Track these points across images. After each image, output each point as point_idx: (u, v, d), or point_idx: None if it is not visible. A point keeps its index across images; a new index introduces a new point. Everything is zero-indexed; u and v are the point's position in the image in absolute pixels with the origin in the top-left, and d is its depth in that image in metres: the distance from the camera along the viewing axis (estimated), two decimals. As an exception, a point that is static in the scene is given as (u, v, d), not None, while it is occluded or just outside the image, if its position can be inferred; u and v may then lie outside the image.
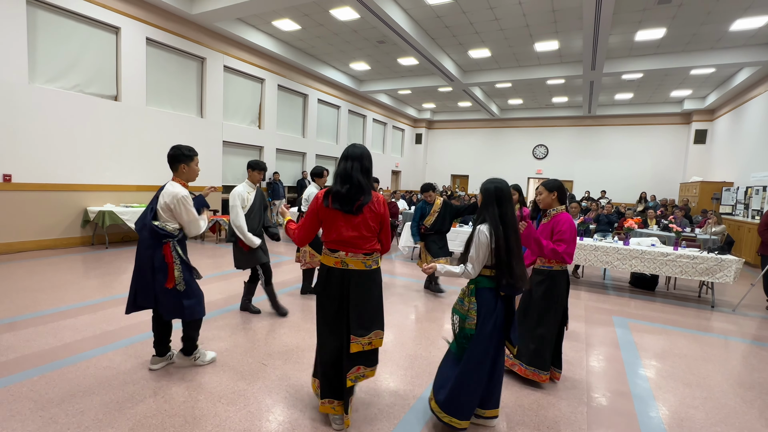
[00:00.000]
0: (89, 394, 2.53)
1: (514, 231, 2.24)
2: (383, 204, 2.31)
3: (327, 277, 2.27)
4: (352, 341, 2.19)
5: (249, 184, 4.00)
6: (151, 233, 2.67)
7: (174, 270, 2.70)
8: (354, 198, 2.18)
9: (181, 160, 2.77)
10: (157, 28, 7.94)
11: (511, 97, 15.65)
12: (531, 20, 8.62)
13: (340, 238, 2.21)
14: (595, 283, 6.60)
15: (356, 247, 2.23)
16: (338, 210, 2.19)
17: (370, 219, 2.23)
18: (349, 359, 2.22)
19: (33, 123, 6.43)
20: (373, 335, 2.23)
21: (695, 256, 5.45)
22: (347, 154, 2.27)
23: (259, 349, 3.35)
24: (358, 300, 2.22)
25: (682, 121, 15.52)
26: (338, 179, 2.23)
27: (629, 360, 3.58)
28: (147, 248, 2.69)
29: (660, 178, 15.95)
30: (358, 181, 2.20)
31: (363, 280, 2.24)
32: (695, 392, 3.04)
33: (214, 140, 9.49)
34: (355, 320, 2.20)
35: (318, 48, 10.90)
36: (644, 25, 8.57)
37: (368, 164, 2.28)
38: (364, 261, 2.24)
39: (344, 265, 2.22)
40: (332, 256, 2.25)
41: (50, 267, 5.65)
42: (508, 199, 2.27)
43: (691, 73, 11.34)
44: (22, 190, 6.39)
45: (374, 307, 2.27)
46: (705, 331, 4.55)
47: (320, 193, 2.27)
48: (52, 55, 6.69)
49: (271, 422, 2.36)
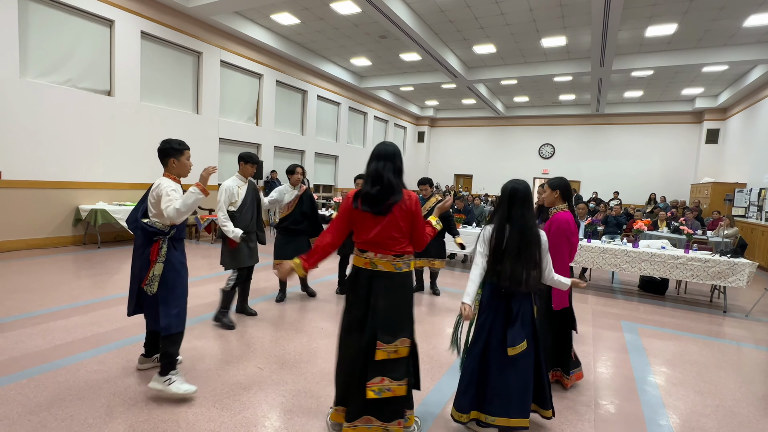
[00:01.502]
0: (79, 397, 2.45)
1: (520, 232, 2.21)
2: (415, 202, 2.19)
3: (355, 278, 2.21)
4: (378, 347, 2.06)
5: (240, 177, 3.78)
6: (142, 231, 2.52)
7: (151, 269, 2.44)
8: (383, 199, 2.10)
9: (171, 155, 2.58)
10: (152, 21, 7.76)
11: (516, 94, 15.36)
12: (538, 15, 8.35)
13: (369, 238, 2.14)
14: (602, 287, 6.37)
15: (385, 248, 2.14)
16: (368, 211, 2.12)
17: (400, 219, 2.13)
18: (374, 367, 2.07)
19: (24, 118, 6.27)
20: (399, 342, 2.11)
21: (707, 260, 5.20)
22: (379, 153, 2.19)
23: (255, 354, 3.24)
24: (387, 304, 2.13)
25: (693, 120, 15.14)
26: (369, 180, 2.15)
27: (638, 366, 3.47)
28: (139, 247, 2.55)
29: (670, 178, 15.58)
30: (389, 181, 2.12)
31: (392, 282, 2.15)
32: (706, 400, 2.94)
33: (211, 137, 9.31)
34: (382, 325, 2.10)
35: (318, 43, 10.68)
36: (655, 20, 8.28)
37: (400, 163, 2.21)
38: (393, 263, 2.15)
39: (373, 266, 2.15)
40: (362, 256, 2.19)
41: (40, 267, 5.51)
42: (522, 200, 2.26)
43: (703, 71, 11.00)
44: (12, 187, 6.23)
45: (403, 312, 2.17)
46: (717, 336, 4.40)
47: (351, 194, 2.21)
48: (44, 49, 6.53)
49: (267, 428, 2.29)
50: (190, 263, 2.78)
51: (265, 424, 2.31)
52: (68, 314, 3.82)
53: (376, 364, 2.06)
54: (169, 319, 2.46)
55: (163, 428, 2.21)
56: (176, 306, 2.51)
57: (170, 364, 2.50)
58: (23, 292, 4.40)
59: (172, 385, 2.45)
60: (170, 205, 2.41)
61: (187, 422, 2.27)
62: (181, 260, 2.59)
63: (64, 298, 4.27)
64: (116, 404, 2.40)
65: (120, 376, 2.72)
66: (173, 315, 2.48)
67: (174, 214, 2.40)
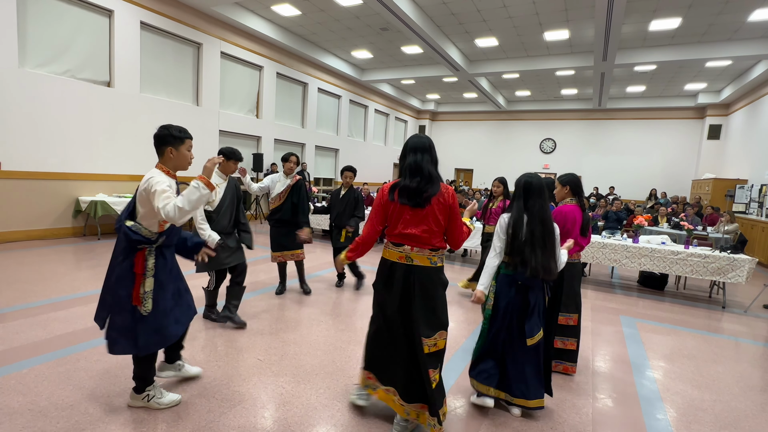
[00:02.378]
0: (79, 388, 2.45)
1: (541, 222, 2.33)
2: (452, 196, 2.17)
3: (390, 273, 2.19)
4: (423, 343, 2.10)
5: (219, 174, 3.45)
6: (125, 236, 2.09)
7: (140, 285, 2.09)
8: (423, 190, 2.09)
9: (169, 142, 2.18)
10: (151, 11, 7.70)
11: (518, 88, 15.27)
12: (541, 8, 8.27)
13: (407, 231, 2.12)
14: (602, 282, 6.38)
15: (422, 242, 2.13)
16: (405, 204, 2.11)
17: (438, 212, 2.12)
18: (424, 361, 2.11)
19: (23, 109, 6.23)
20: (437, 336, 2.16)
21: (707, 255, 5.20)
22: (415, 146, 2.18)
23: (255, 345, 3.25)
24: (425, 299, 2.14)
25: (695, 115, 15.08)
26: (407, 172, 2.14)
27: (636, 360, 3.49)
28: (119, 253, 2.12)
29: (671, 174, 15.54)
30: (429, 173, 2.12)
31: (429, 277, 2.16)
32: (704, 394, 2.96)
33: (211, 129, 9.27)
34: (422, 320, 2.12)
35: (319, 35, 10.60)
36: (659, 14, 8.20)
37: (436, 155, 2.22)
38: (429, 257, 2.14)
39: (409, 261, 2.14)
40: (396, 250, 2.16)
41: (40, 258, 5.51)
42: (536, 192, 2.37)
43: (707, 66, 10.93)
44: (11, 178, 6.22)
45: (440, 307, 2.19)
46: (715, 332, 4.42)
47: (386, 186, 2.20)
48: (43, 39, 6.48)
49: (266, 419, 2.29)
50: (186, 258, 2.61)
51: (264, 415, 2.31)
52: (68, 305, 3.83)
53: (425, 358, 2.10)
54: (147, 337, 2.13)
55: (162, 418, 2.22)
56: (152, 326, 2.14)
57: (145, 381, 2.28)
58: (23, 282, 4.40)
59: (152, 400, 2.27)
60: (169, 202, 1.99)
61: (186, 413, 2.28)
62: (168, 269, 2.23)
63: (64, 289, 4.27)
64: (116, 395, 2.41)
65: (119, 367, 2.72)
66: (151, 332, 2.14)
67: (175, 213, 1.97)
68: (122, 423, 2.15)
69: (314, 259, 6.52)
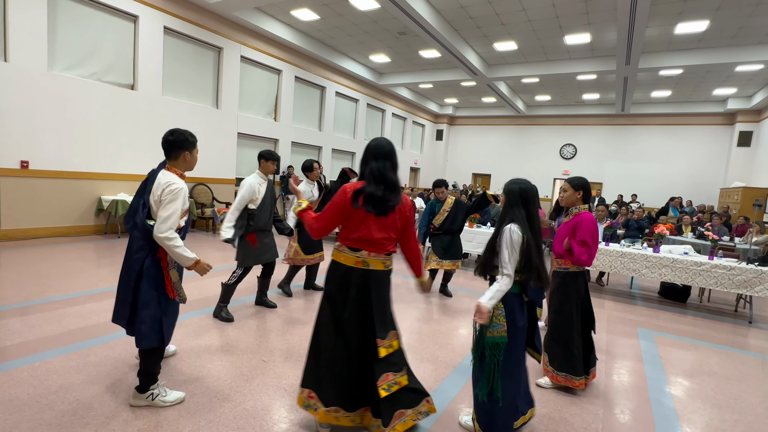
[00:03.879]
0: (87, 382, 2.51)
1: (538, 232, 2.19)
2: (410, 207, 2.25)
3: (345, 277, 2.15)
4: (378, 345, 2.08)
5: (260, 175, 3.76)
6: (144, 234, 2.20)
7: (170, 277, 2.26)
8: (388, 199, 2.09)
9: (185, 147, 2.34)
10: (174, 17, 7.91)
11: (538, 93, 15.04)
12: (561, 11, 8.13)
13: (369, 237, 2.10)
14: (620, 292, 6.18)
15: (380, 248, 2.15)
16: (370, 212, 2.08)
17: (398, 220, 2.17)
18: (377, 367, 2.09)
19: (50, 110, 6.48)
20: (390, 336, 2.16)
21: (732, 267, 4.97)
22: (376, 152, 2.13)
23: (262, 346, 3.27)
24: (379, 301, 2.15)
25: (724, 121, 14.54)
26: (371, 180, 2.10)
27: (653, 375, 3.34)
28: (138, 250, 2.21)
29: (698, 182, 15.00)
30: (392, 181, 2.12)
31: (383, 280, 2.19)
32: (724, 414, 2.81)
33: (229, 131, 9.44)
34: (379, 322, 2.12)
35: (337, 39, 10.69)
36: (685, 16, 7.95)
37: (397, 161, 2.19)
38: (383, 261, 2.17)
39: (365, 265, 2.13)
40: (353, 255, 2.13)
41: (62, 254, 5.69)
42: (533, 200, 2.21)
43: (737, 70, 10.52)
44: (38, 177, 6.46)
45: (389, 308, 2.23)
46: (740, 348, 4.21)
47: (349, 189, 2.11)
48: (71, 43, 6.73)
49: (266, 421, 2.29)
50: (205, 255, 2.78)
51: (264, 416, 2.31)
52: (84, 301, 3.93)
53: (379, 363, 2.08)
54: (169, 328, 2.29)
55: (165, 415, 2.24)
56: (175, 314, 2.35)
57: (152, 378, 2.32)
58: (44, 278, 4.55)
59: (157, 398, 2.30)
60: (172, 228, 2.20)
61: (188, 411, 2.30)
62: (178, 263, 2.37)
63: (82, 285, 4.39)
64: (121, 390, 2.45)
65: (128, 363, 2.77)
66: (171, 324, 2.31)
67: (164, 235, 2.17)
68: (124, 419, 2.18)
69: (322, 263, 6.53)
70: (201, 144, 9.30)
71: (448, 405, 2.60)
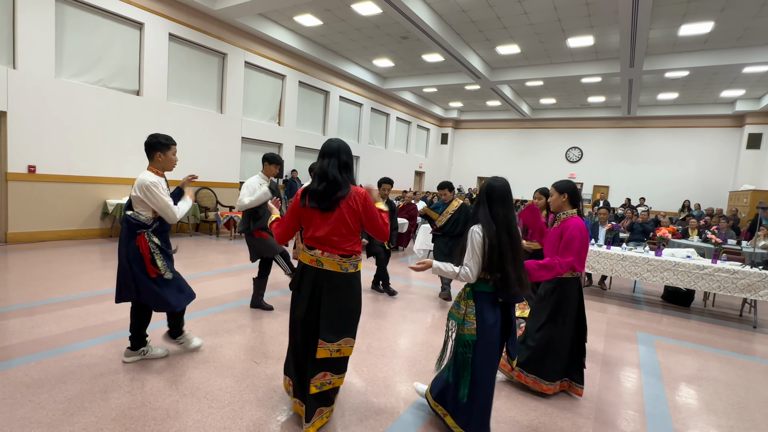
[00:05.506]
0: (79, 382, 2.56)
1: (508, 233, 2.09)
2: (364, 198, 2.15)
3: (301, 275, 2.23)
4: (319, 345, 2.10)
5: (262, 176, 3.90)
6: (127, 224, 2.67)
7: (154, 260, 2.69)
8: (329, 194, 2.12)
9: (158, 149, 2.73)
10: (179, 23, 8.04)
11: (542, 96, 14.99)
12: (562, 14, 8.12)
13: (316, 235, 2.15)
14: (623, 297, 6.11)
15: (333, 246, 2.14)
16: (315, 208, 2.14)
17: (347, 215, 2.13)
18: (314, 364, 2.14)
19: (58, 116, 6.62)
20: (342, 342, 2.15)
21: (736, 271, 4.89)
22: (323, 151, 2.22)
23: (256, 348, 3.29)
24: (331, 304, 2.14)
25: (733, 123, 14.34)
26: (315, 178, 2.19)
27: (649, 381, 3.30)
28: (124, 238, 2.68)
29: (706, 185, 14.79)
30: (334, 177, 2.13)
31: (338, 283, 2.16)
32: (721, 420, 2.77)
33: (233, 136, 9.54)
34: (325, 325, 2.12)
35: (340, 44, 10.77)
36: (689, 18, 7.89)
37: (346, 158, 2.20)
38: (340, 263, 2.15)
39: (319, 265, 2.16)
40: (308, 253, 2.21)
41: (67, 257, 5.79)
42: (501, 198, 2.12)
43: (744, 71, 10.39)
44: (45, 181, 6.59)
45: (348, 313, 2.19)
46: (742, 353, 4.14)
47: (299, 191, 2.24)
48: (78, 50, 6.88)
49: (252, 421, 2.31)
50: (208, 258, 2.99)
51: (251, 417, 2.33)
52: (84, 302, 3.99)
53: (317, 362, 2.13)
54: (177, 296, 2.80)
55: (153, 415, 2.27)
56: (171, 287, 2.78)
57: (178, 331, 2.96)
58: (47, 279, 4.63)
59: (148, 353, 2.87)
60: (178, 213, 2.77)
61: (176, 411, 2.32)
62: (167, 247, 2.81)
63: (83, 287, 4.46)
64: (113, 390, 2.48)
65: (119, 363, 2.81)
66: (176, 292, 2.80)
67: (175, 219, 2.77)
68: (114, 418, 2.21)
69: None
70: (205, 148, 9.40)
71: (436, 407, 2.59)
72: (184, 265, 5.53)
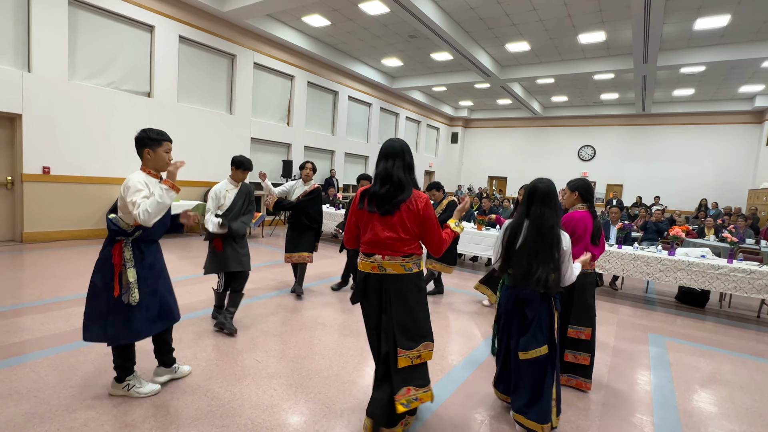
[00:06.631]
0: (84, 379, 2.58)
1: (538, 229, 2.21)
2: (425, 203, 2.07)
3: (365, 285, 2.12)
4: (399, 355, 2.00)
5: (230, 182, 3.60)
6: (108, 228, 2.26)
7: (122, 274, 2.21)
8: (391, 197, 2.03)
9: (146, 145, 2.31)
10: (189, 26, 8.14)
11: (554, 94, 14.78)
12: (573, 9, 7.98)
13: (376, 239, 2.06)
14: (636, 297, 5.98)
15: (393, 250, 2.05)
16: (374, 212, 2.06)
17: (407, 219, 2.04)
18: (398, 376, 2.01)
19: (70, 118, 6.75)
20: (422, 347, 2.06)
21: (752, 271, 4.74)
22: (386, 152, 2.12)
23: (256, 346, 3.30)
24: (403, 308, 2.04)
25: (752, 120, 13.92)
26: (377, 180, 2.09)
27: (659, 383, 3.21)
28: (106, 245, 2.28)
29: (724, 183, 14.39)
30: (399, 179, 2.05)
31: (404, 285, 2.06)
32: (733, 425, 2.69)
33: (243, 137, 9.62)
34: (401, 331, 2.02)
35: (348, 44, 10.78)
36: (704, 11, 7.68)
37: (410, 159, 2.13)
38: (403, 264, 2.06)
39: (381, 270, 2.06)
40: (368, 261, 2.10)
41: (79, 256, 5.90)
42: (542, 197, 2.25)
43: (763, 66, 10.08)
44: (59, 182, 6.73)
45: (421, 316, 2.09)
46: (758, 355, 4.01)
47: (358, 192, 2.17)
48: (91, 53, 7.01)
49: (252, 419, 2.30)
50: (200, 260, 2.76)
51: (250, 415, 2.33)
52: (94, 300, 4.05)
53: (400, 372, 2.00)
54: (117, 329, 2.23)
55: (153, 413, 2.28)
56: (126, 314, 2.23)
57: (124, 370, 2.38)
58: (58, 278, 4.72)
59: (132, 389, 2.38)
60: (139, 209, 2.12)
61: (177, 409, 2.34)
62: (147, 264, 2.31)
63: (93, 286, 4.54)
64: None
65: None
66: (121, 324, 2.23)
67: (144, 217, 2.12)
68: (115, 416, 2.24)
69: (335, 264, 6.56)
70: (215, 149, 9.43)
71: (442, 403, 2.56)
72: (191, 264, 5.61)
